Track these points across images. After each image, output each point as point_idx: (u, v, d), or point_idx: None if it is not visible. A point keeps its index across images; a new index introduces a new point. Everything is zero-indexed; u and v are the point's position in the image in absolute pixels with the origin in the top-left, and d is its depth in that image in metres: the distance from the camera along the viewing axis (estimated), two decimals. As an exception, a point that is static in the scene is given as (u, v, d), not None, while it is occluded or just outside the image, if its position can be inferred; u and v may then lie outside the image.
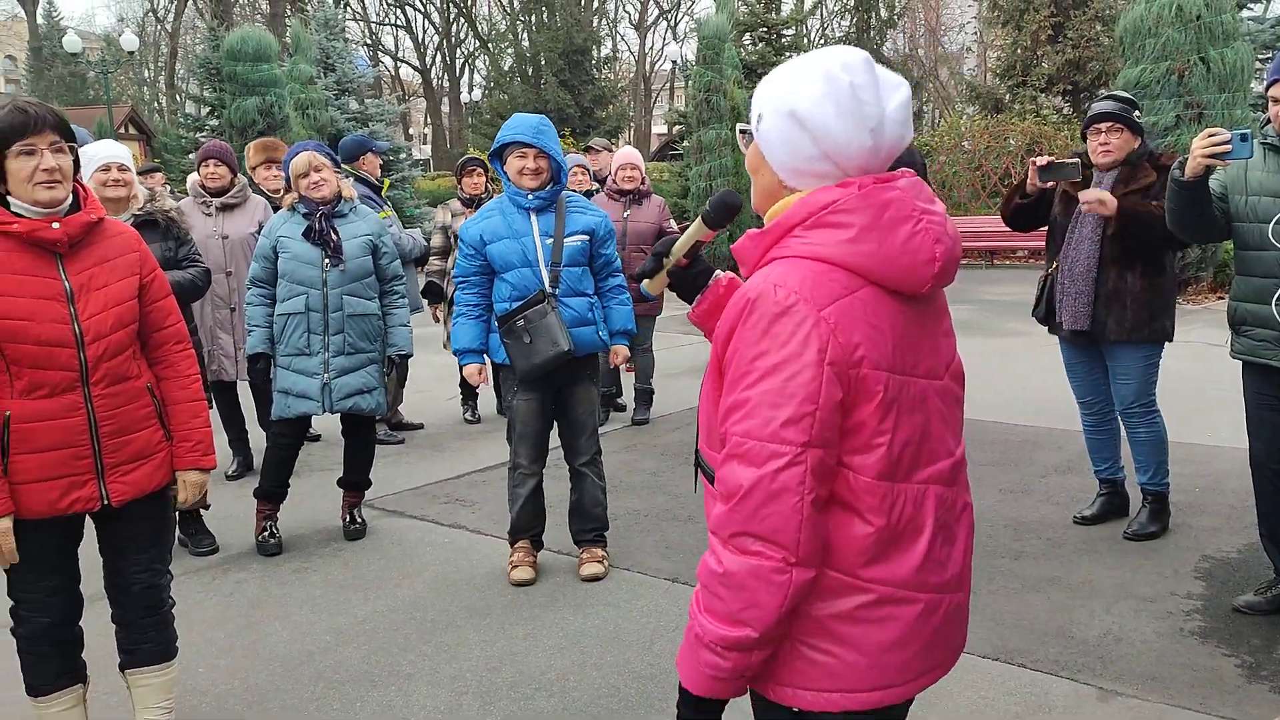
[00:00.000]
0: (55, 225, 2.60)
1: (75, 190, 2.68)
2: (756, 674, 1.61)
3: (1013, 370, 8.50)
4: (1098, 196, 4.29)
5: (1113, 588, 4.09)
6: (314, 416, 4.79)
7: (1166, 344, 4.53)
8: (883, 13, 27.81)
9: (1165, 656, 3.51)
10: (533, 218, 4.23)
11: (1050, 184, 4.59)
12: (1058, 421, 6.61)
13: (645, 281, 2.01)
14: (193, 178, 8.69)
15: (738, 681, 1.59)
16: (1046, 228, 4.76)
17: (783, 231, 1.58)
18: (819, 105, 1.53)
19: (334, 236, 4.66)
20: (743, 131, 1.70)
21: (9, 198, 2.59)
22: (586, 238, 4.26)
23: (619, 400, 7.46)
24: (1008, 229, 5.00)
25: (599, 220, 4.32)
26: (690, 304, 2.00)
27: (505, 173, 4.24)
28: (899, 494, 1.57)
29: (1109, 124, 4.40)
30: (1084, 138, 4.55)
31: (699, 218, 1.89)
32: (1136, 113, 4.47)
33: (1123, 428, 4.68)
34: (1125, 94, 4.57)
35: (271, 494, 4.87)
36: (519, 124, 4.19)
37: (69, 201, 2.65)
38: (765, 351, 1.51)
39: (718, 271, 2.00)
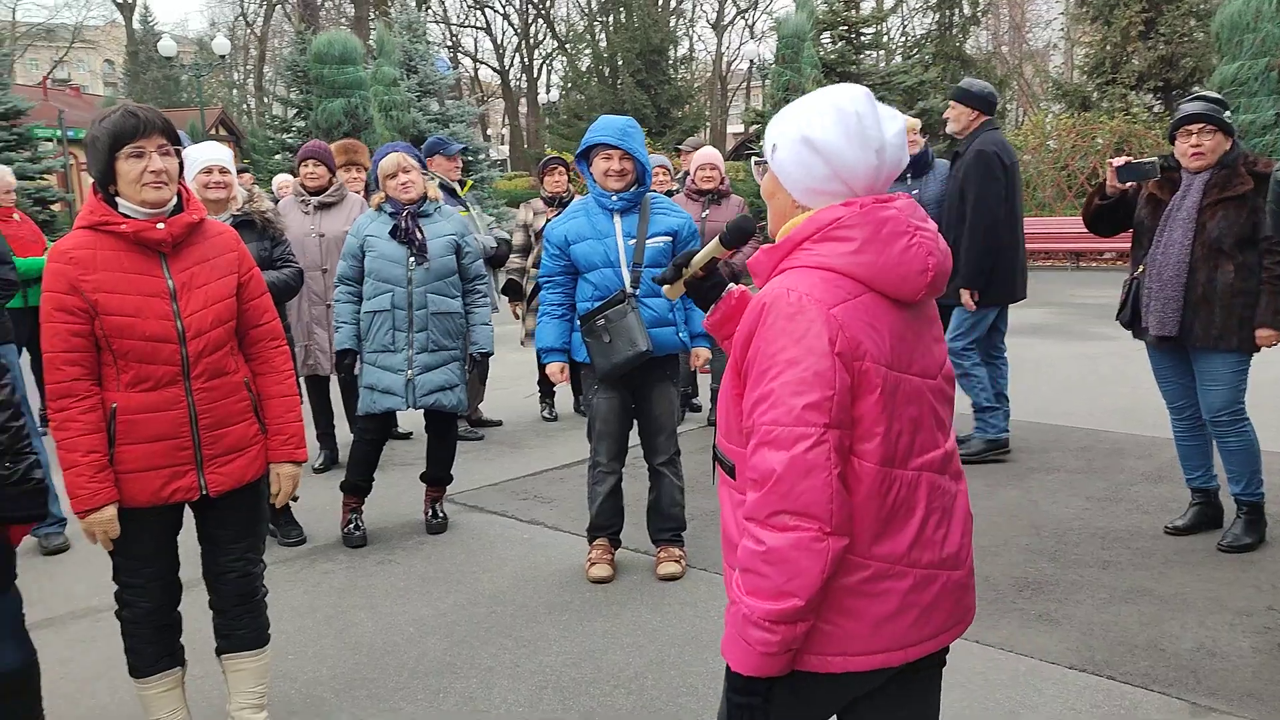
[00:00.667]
0: (160, 226, 2.70)
1: (178, 191, 2.78)
2: (800, 648, 1.73)
3: (1099, 375, 8.30)
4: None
5: (1206, 600, 3.97)
6: (400, 415, 4.88)
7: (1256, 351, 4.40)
8: (966, 9, 27.31)
9: (1262, 672, 3.41)
10: (616, 219, 4.26)
11: (1131, 185, 4.48)
12: (1147, 428, 6.44)
13: (665, 287, 2.21)
14: (280, 178, 8.93)
15: (785, 656, 1.71)
16: (1131, 230, 4.64)
17: (793, 245, 1.79)
18: (830, 132, 1.76)
19: (419, 235, 4.74)
20: (758, 162, 1.90)
21: (117, 198, 2.69)
22: (670, 239, 4.28)
23: (694, 400, 7.47)
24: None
25: (682, 222, 4.34)
26: (706, 311, 2.20)
27: (591, 174, 4.27)
28: (895, 479, 1.74)
29: (1199, 125, 4.27)
30: (1172, 140, 4.42)
31: (716, 237, 2.09)
32: (1227, 113, 4.33)
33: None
34: (1215, 94, 4.44)
35: (357, 488, 4.98)
36: (606, 125, 4.23)
37: (173, 202, 2.75)
38: (784, 347, 1.69)
39: (731, 284, 2.18)
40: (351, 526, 4.95)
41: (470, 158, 19.43)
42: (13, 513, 2.68)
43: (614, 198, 4.23)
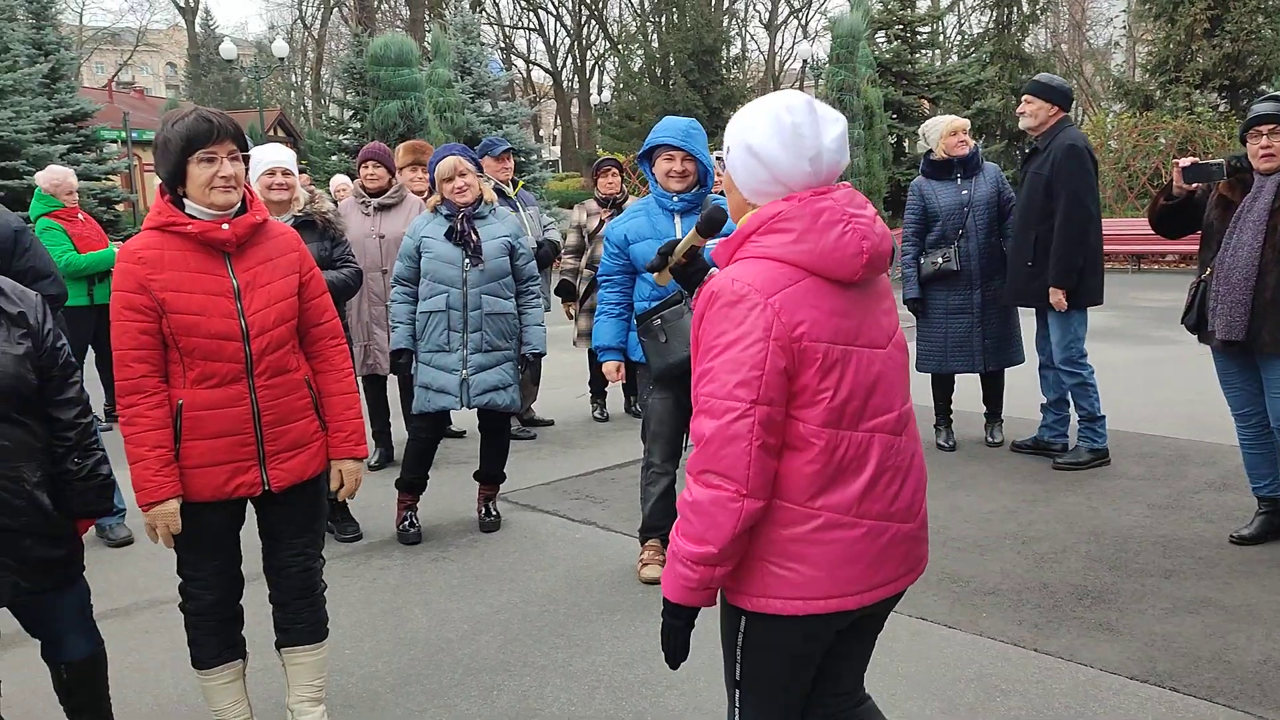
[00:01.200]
0: (225, 226, 2.75)
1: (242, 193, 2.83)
2: (727, 587, 2.03)
3: (1162, 379, 8.13)
4: None
5: (1273, 612, 3.87)
6: (454, 413, 4.92)
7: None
8: (1025, 7, 26.89)
9: (1332, 687, 3.31)
10: (677, 219, 4.27)
11: (1197, 186, 4.37)
12: (1211, 434, 6.30)
13: (655, 274, 2.45)
14: (338, 179, 9.04)
15: (705, 592, 1.97)
16: (1200, 232, 4.54)
17: (743, 238, 1.99)
18: (769, 142, 1.96)
19: (474, 237, 4.78)
20: (719, 159, 2.08)
21: (185, 200, 2.75)
22: None
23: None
24: (1153, 232, 4.81)
25: None
26: (691, 295, 2.43)
27: (653, 174, 4.29)
28: (842, 440, 1.95)
29: (1270, 126, 4.16)
30: (1243, 141, 4.32)
31: (694, 227, 2.32)
32: None
33: (1282, 443, 4.44)
34: None
35: (412, 485, 5.04)
36: (669, 126, 4.24)
37: (238, 204, 2.80)
38: (724, 331, 1.91)
39: (714, 269, 2.31)
40: (406, 524, 5.00)
41: (522, 159, 19.54)
42: (81, 507, 2.76)
43: (675, 198, 4.24)
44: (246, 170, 2.80)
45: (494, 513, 5.19)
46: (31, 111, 15.87)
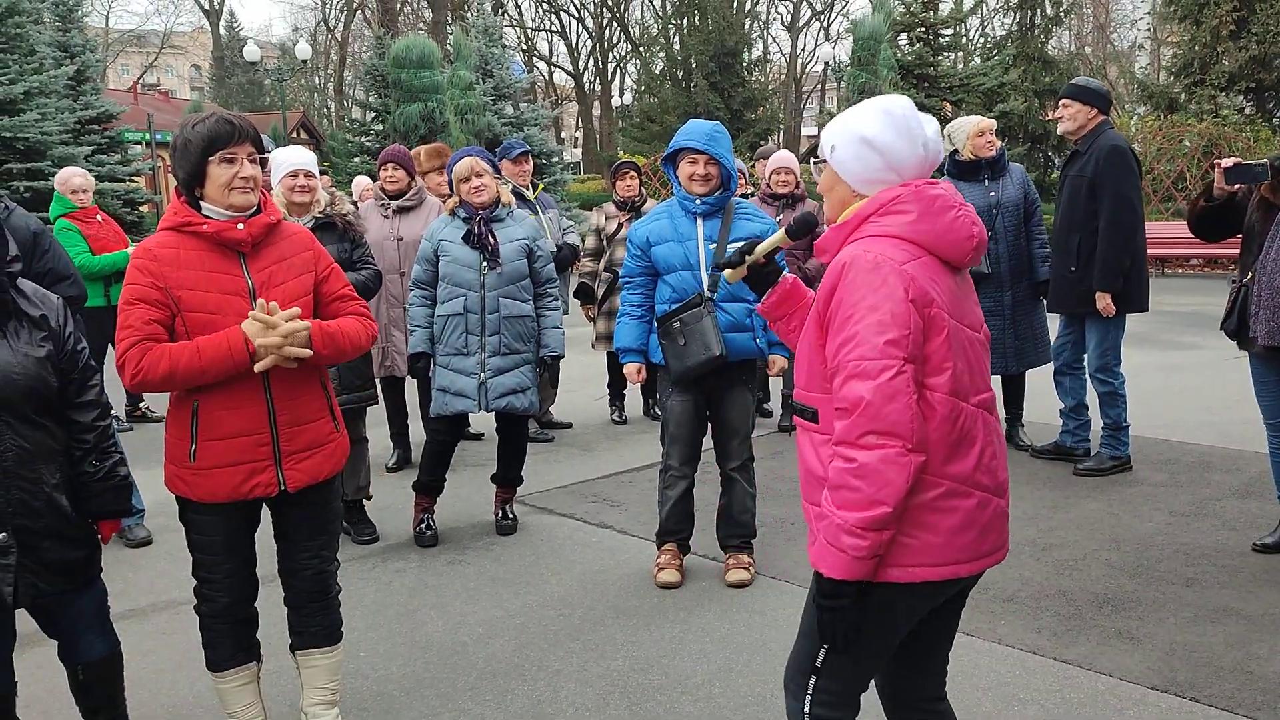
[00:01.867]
0: (240, 226, 2.76)
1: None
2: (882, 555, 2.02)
3: (1185, 385, 8.05)
4: None
5: (1297, 622, 3.82)
6: (472, 416, 4.93)
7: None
8: (1048, 9, 26.69)
9: (1357, 699, 3.26)
10: (699, 222, 4.26)
11: (1239, 188, 4.30)
12: (1235, 441, 6.23)
13: (727, 271, 2.50)
14: (360, 181, 9.07)
15: (871, 561, 1.99)
16: (1240, 236, 4.46)
17: (860, 220, 2.12)
18: (884, 132, 2.11)
19: (492, 240, 4.78)
20: (816, 162, 2.23)
21: (201, 201, 2.76)
22: None
23: (765, 406, 7.41)
24: (1180, 235, 4.76)
25: (766, 228, 4.31)
26: (760, 297, 2.52)
27: (676, 177, 4.28)
28: (961, 410, 2.05)
29: None
30: None
31: (782, 228, 2.44)
32: None
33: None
34: None
35: (429, 487, 5.04)
36: (693, 130, 4.24)
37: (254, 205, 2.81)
38: (864, 296, 1.99)
39: (785, 272, 2.51)
40: (423, 526, 5.00)
41: (543, 161, 19.56)
42: (98, 508, 2.77)
43: (697, 201, 4.24)
44: (263, 173, 2.81)
45: (511, 515, 5.19)
46: (57, 113, 16.02)
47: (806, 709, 2.19)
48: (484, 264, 4.77)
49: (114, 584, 3.11)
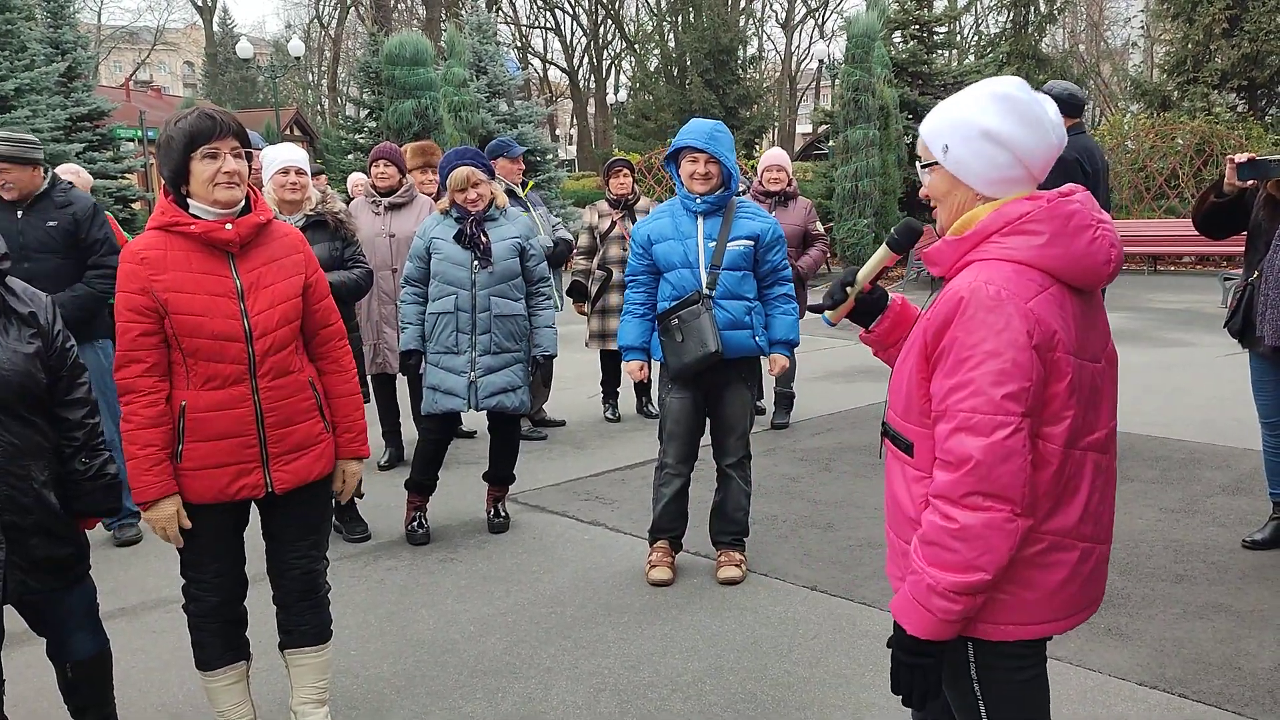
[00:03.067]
0: (228, 227, 2.75)
1: (246, 193, 2.83)
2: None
3: (1176, 383, 8.06)
4: None
5: (1286, 618, 3.84)
6: (464, 414, 4.93)
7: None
8: (1042, 7, 26.70)
9: (1345, 695, 3.28)
10: (700, 221, 4.28)
11: (1250, 183, 4.28)
12: (1225, 438, 6.25)
13: (828, 311, 2.21)
14: (355, 177, 9.06)
15: (961, 623, 1.85)
16: (1246, 233, 4.44)
17: (981, 238, 1.87)
18: (1007, 121, 1.85)
19: (484, 239, 4.78)
20: (924, 166, 1.97)
21: (188, 199, 2.75)
22: (751, 243, 4.27)
23: (758, 404, 7.41)
24: (1172, 233, 4.75)
25: (766, 227, 4.32)
26: (867, 326, 2.23)
27: (678, 176, 4.30)
28: (1069, 458, 1.85)
29: None
30: None
31: (884, 244, 2.12)
32: None
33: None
34: None
35: (421, 486, 5.04)
36: (694, 129, 4.25)
37: (241, 204, 2.80)
38: (984, 339, 1.78)
39: (890, 294, 2.24)
40: (415, 524, 5.00)
41: (538, 158, 19.53)
42: (87, 506, 2.77)
43: (698, 200, 4.26)
44: (250, 169, 2.80)
45: (503, 514, 5.18)
46: (48, 110, 15.95)
47: None
48: (475, 263, 4.77)
49: (104, 582, 3.11)
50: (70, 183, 4.96)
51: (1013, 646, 1.92)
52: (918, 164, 2.03)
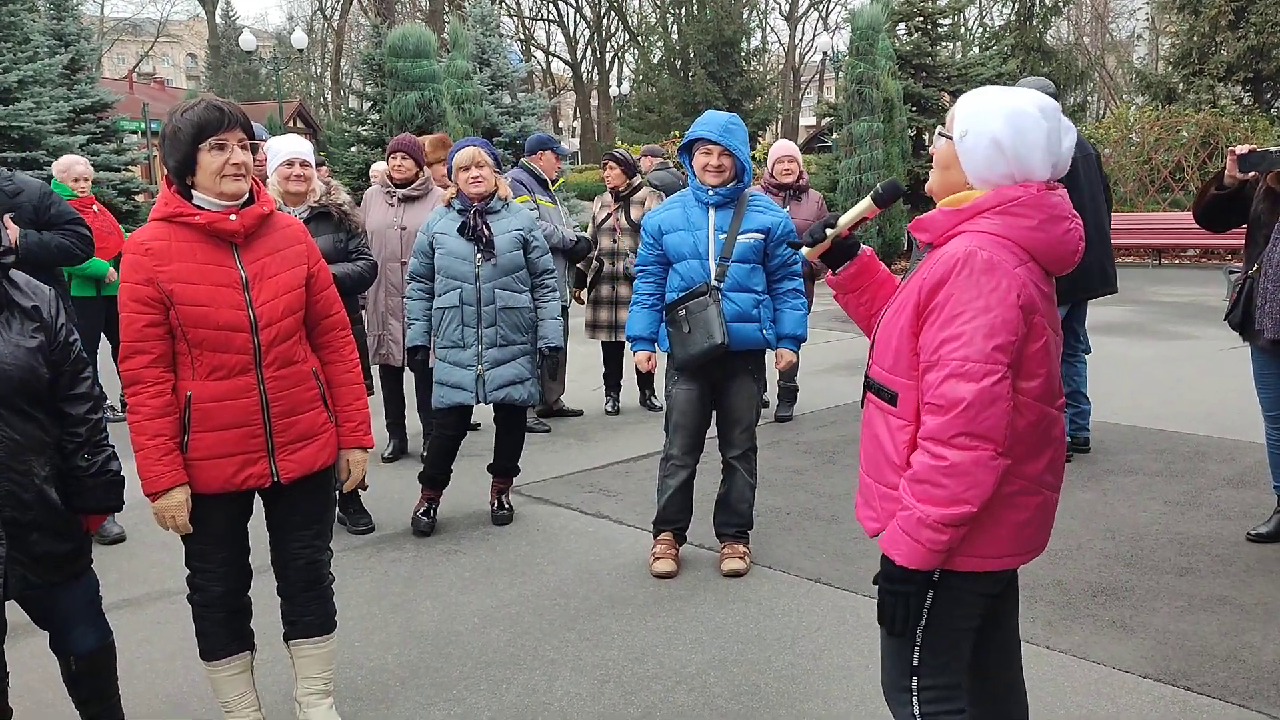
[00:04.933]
0: (233, 217, 2.75)
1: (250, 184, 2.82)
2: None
3: (1180, 376, 8.05)
4: None
5: (1290, 611, 3.83)
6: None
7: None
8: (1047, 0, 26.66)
9: (1350, 688, 3.27)
10: (711, 212, 4.28)
11: (1251, 175, 4.26)
12: (1230, 431, 6.24)
13: (805, 250, 2.42)
14: (378, 166, 9.08)
15: (945, 554, 2.06)
16: (1245, 226, 4.42)
17: (976, 212, 2.09)
18: (1020, 142, 2.04)
19: (486, 231, 4.77)
20: (941, 134, 2.15)
21: (192, 190, 2.75)
22: (761, 236, 4.26)
23: (763, 396, 7.41)
24: (1177, 226, 4.74)
25: (777, 220, 4.31)
26: (835, 270, 2.46)
27: (692, 168, 4.30)
28: (1045, 414, 2.11)
29: None
30: None
31: (869, 195, 2.32)
32: None
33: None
34: None
35: (434, 480, 5.05)
36: (708, 121, 4.25)
37: (246, 195, 2.80)
38: (977, 296, 1.99)
39: (863, 248, 2.48)
40: (422, 513, 5.01)
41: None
42: (90, 503, 2.76)
43: (710, 192, 4.25)
44: (255, 161, 2.80)
45: (507, 506, 5.18)
46: (51, 102, 15.95)
47: (916, 710, 2.21)
48: (479, 255, 4.76)
49: (107, 574, 3.11)
50: (12, 173, 5.01)
51: (970, 578, 2.13)
52: (938, 129, 2.21)
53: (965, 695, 2.28)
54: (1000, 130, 2.04)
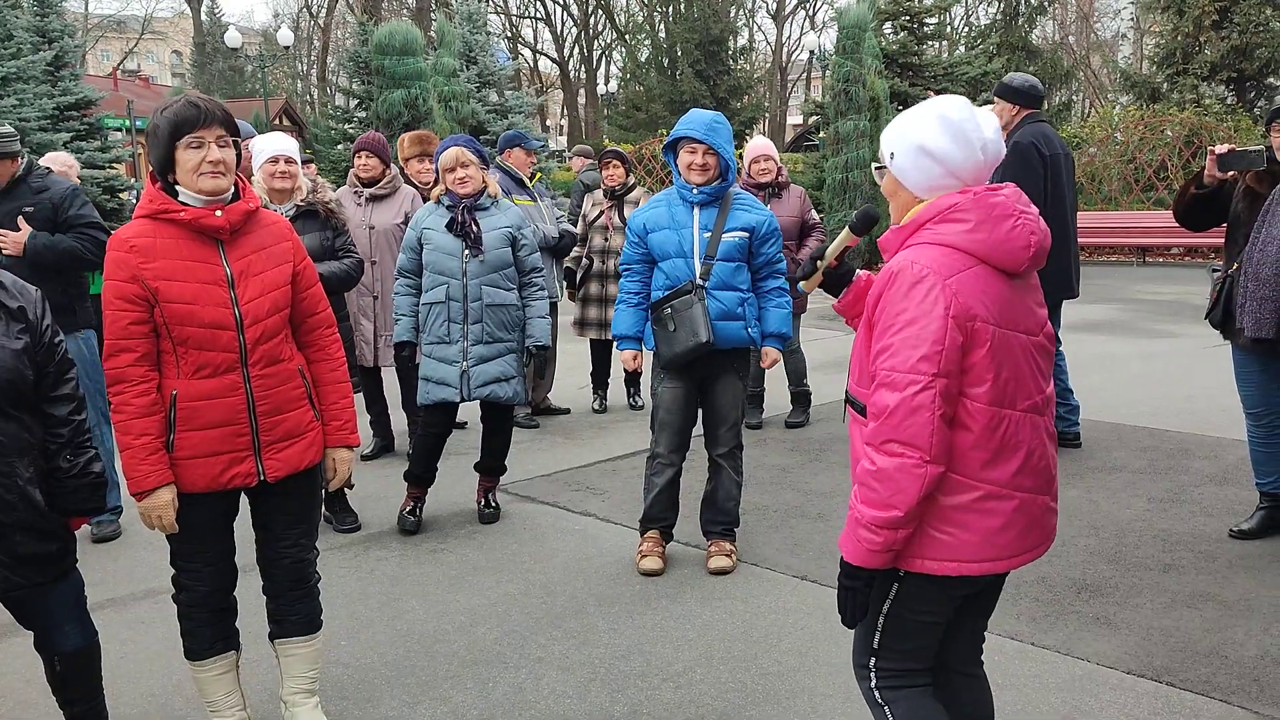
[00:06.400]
0: (218, 213, 2.74)
1: (235, 181, 2.81)
2: (899, 551, 2.13)
3: (1165, 373, 8.10)
4: None
5: (1271, 606, 3.86)
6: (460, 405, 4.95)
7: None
8: (1032, -1, 26.76)
9: (1330, 683, 3.30)
10: (696, 211, 4.28)
11: (1230, 175, 4.30)
12: (1213, 428, 6.28)
13: (802, 282, 2.51)
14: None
15: (886, 555, 2.11)
16: (1225, 225, 4.46)
17: (917, 226, 2.16)
18: (938, 138, 2.13)
19: (474, 228, 4.77)
20: (878, 168, 2.26)
21: (177, 187, 2.73)
22: (746, 234, 4.27)
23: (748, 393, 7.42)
24: (1161, 224, 4.78)
25: (762, 219, 4.32)
26: (836, 297, 2.53)
27: (676, 166, 4.30)
28: (1005, 417, 2.12)
29: None
30: (1269, 133, 4.26)
31: (846, 227, 2.41)
32: None
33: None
34: None
35: (419, 479, 5.04)
36: (693, 120, 4.25)
37: (230, 192, 2.79)
38: (905, 309, 2.06)
39: (857, 269, 2.55)
40: (408, 511, 5.00)
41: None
42: (71, 505, 2.74)
43: (695, 190, 4.25)
44: (239, 157, 2.79)
45: (494, 504, 5.18)
46: (35, 99, 15.84)
47: (873, 684, 2.33)
48: (466, 252, 4.76)
49: (92, 573, 3.09)
50: (49, 169, 4.93)
51: (938, 581, 2.17)
52: (873, 166, 2.32)
53: (932, 685, 2.35)
54: (922, 137, 2.14)
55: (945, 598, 2.24)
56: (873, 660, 2.32)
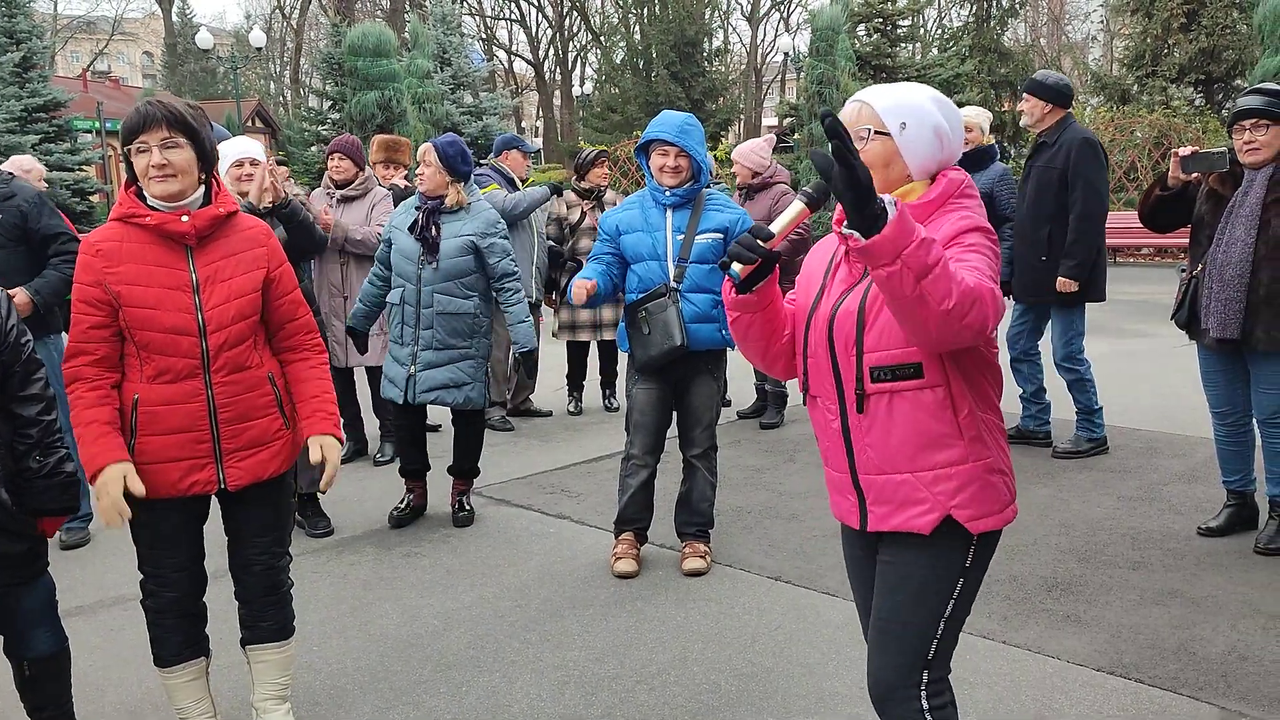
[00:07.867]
0: (185, 219, 2.72)
1: (208, 185, 2.79)
2: (968, 516, 2.09)
3: (1134, 373, 8.18)
4: None
5: (1238, 603, 3.90)
6: (431, 408, 5.01)
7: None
8: (1004, 1, 26.92)
9: (1295, 678, 3.34)
10: (668, 213, 4.28)
11: (1194, 177, 4.35)
12: (1182, 427, 6.35)
13: (736, 266, 2.08)
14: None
15: (893, 263, 1.79)
16: (1189, 227, 4.52)
17: (947, 198, 2.16)
18: (950, 126, 2.18)
19: (433, 234, 4.77)
20: (878, 133, 2.14)
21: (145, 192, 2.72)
22: (720, 236, 4.27)
23: (726, 397, 7.42)
24: (1131, 225, 4.84)
25: (735, 219, 4.32)
26: (752, 287, 2.14)
27: (648, 168, 4.29)
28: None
29: (1253, 120, 4.14)
30: (1230, 135, 4.31)
31: (799, 198, 2.03)
32: None
33: (1258, 438, 4.45)
34: (1274, 86, 4.26)
35: (410, 472, 5.12)
36: (665, 122, 4.25)
37: (199, 195, 2.76)
38: (989, 246, 2.08)
39: (780, 255, 2.18)
40: (402, 504, 5.12)
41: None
42: (43, 504, 2.71)
43: (667, 193, 4.26)
44: (207, 159, 2.75)
45: (467, 507, 5.17)
46: (3, 101, 15.69)
47: (925, 706, 2.14)
48: (422, 257, 4.76)
49: (60, 580, 3.05)
50: (11, 174, 4.88)
51: (992, 549, 2.16)
52: (855, 129, 2.13)
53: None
54: (939, 118, 2.16)
55: (986, 560, 2.19)
56: (925, 675, 2.14)
